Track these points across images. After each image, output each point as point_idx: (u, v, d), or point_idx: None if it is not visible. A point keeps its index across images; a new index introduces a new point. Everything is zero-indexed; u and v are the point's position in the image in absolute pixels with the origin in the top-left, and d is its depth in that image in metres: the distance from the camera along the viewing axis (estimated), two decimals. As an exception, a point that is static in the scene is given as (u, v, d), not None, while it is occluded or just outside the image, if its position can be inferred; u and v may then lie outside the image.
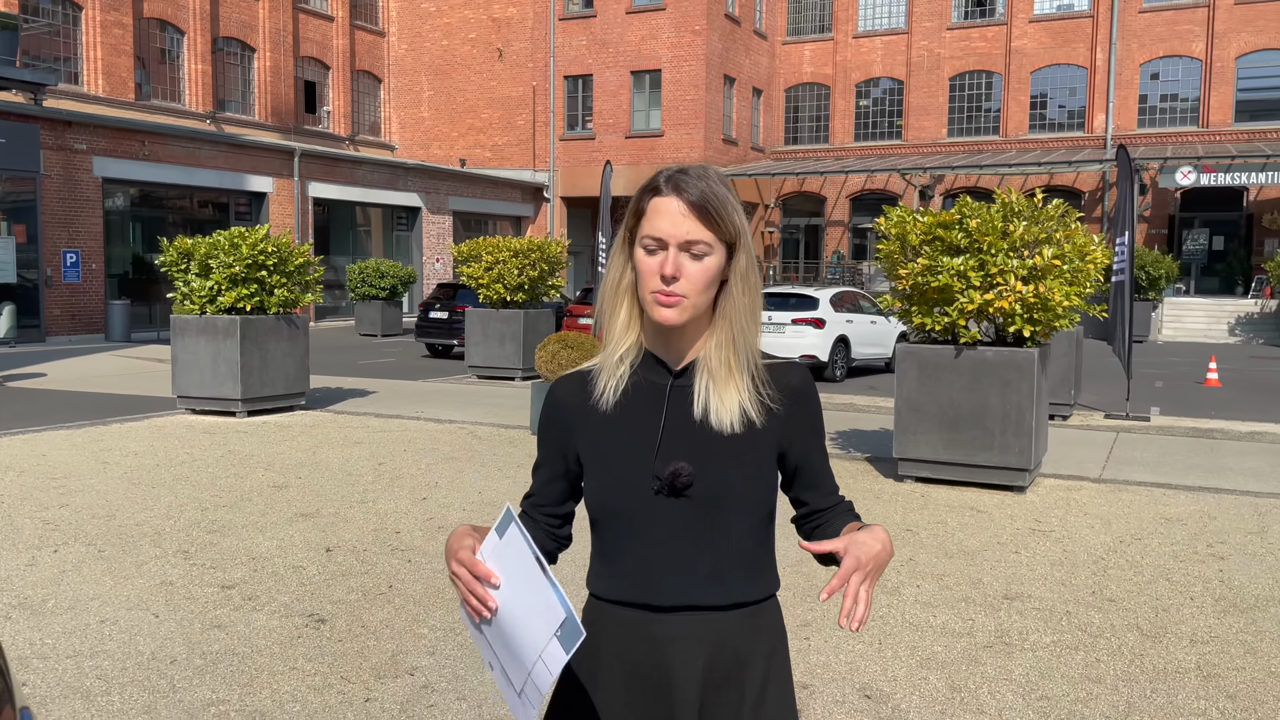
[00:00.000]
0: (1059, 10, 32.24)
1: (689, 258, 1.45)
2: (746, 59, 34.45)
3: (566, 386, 1.60)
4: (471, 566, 1.37)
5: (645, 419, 1.52)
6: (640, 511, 1.50)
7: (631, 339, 1.54)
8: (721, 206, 1.45)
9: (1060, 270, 6.86)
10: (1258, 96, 29.73)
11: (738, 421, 1.50)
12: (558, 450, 1.60)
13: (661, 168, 1.52)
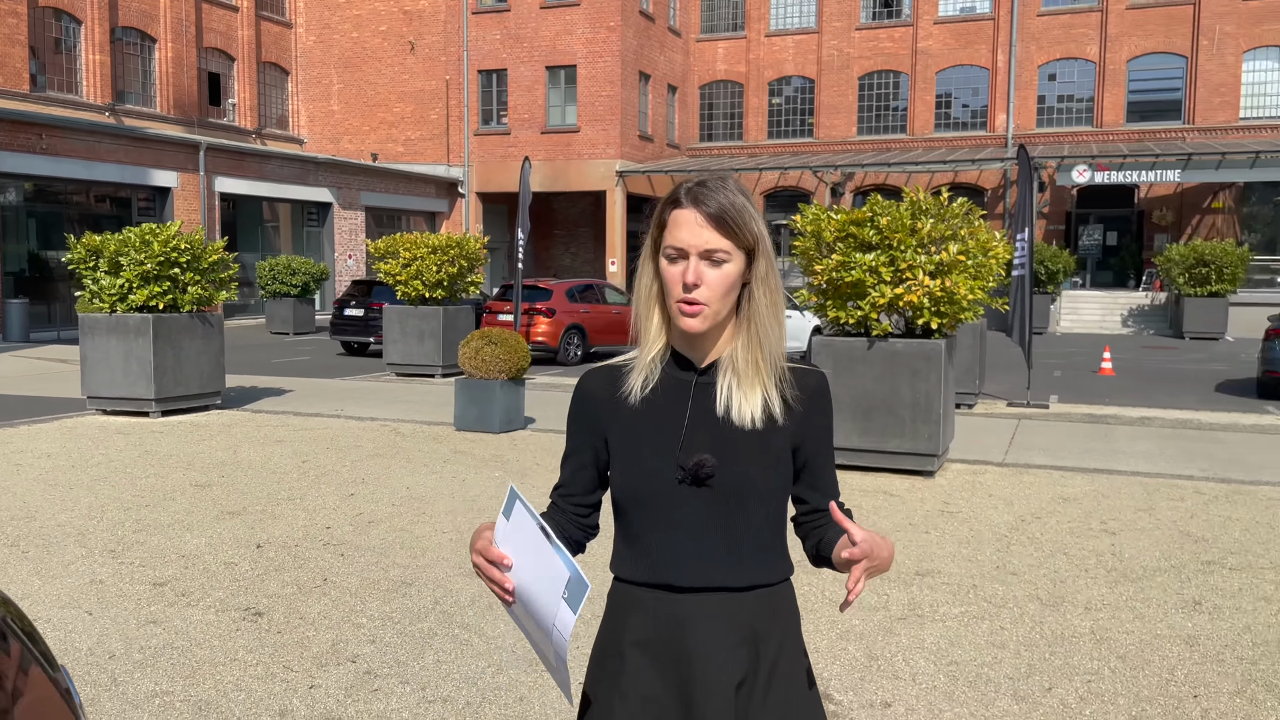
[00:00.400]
0: (962, 12, 33.31)
1: (709, 265, 1.54)
2: (661, 56, 34.73)
3: (596, 379, 1.68)
4: (486, 553, 1.46)
5: (671, 413, 1.61)
6: (665, 499, 1.58)
7: (661, 343, 1.63)
8: (739, 216, 1.54)
9: (965, 265, 7.23)
10: (1148, 98, 31.22)
11: (759, 417, 1.59)
12: (587, 439, 1.68)
13: (684, 180, 1.60)
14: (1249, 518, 6.60)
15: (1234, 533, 6.20)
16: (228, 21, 32.78)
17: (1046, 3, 32.13)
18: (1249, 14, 29.70)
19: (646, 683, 1.59)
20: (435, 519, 6.30)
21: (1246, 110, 30.01)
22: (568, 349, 17.83)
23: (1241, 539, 6.05)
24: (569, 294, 18.39)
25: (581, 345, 18.14)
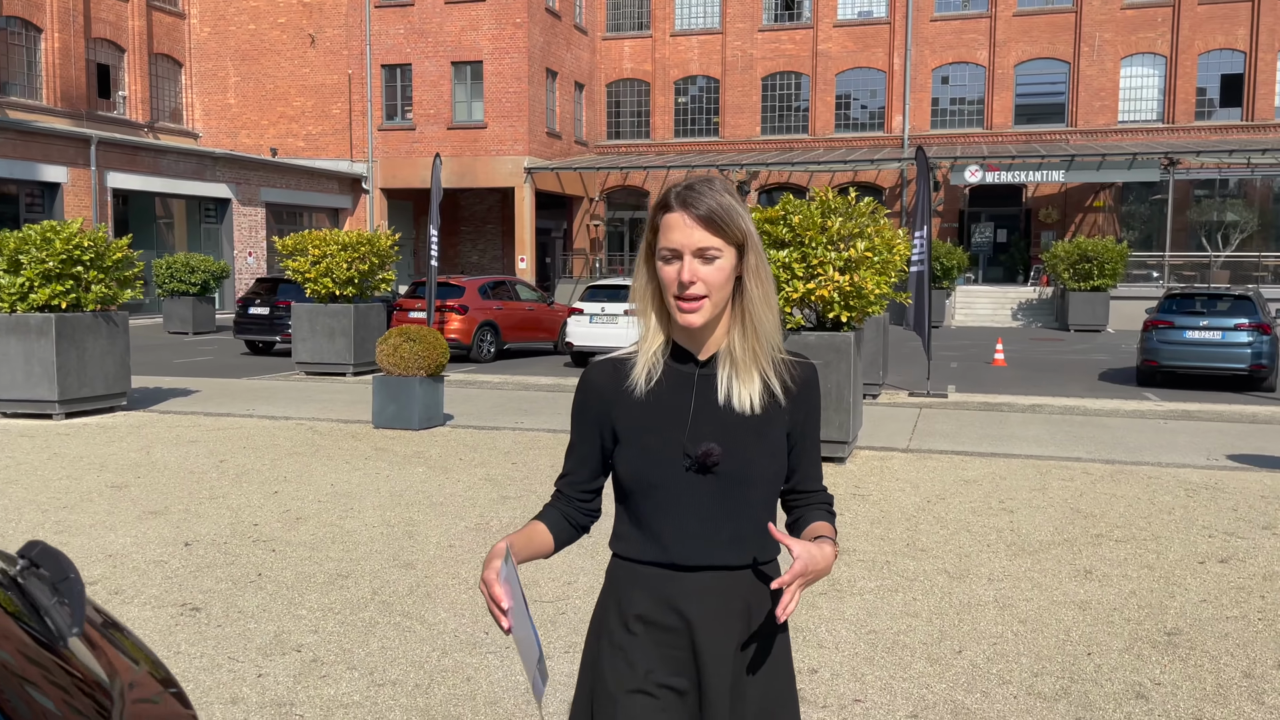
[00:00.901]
0: (860, 16, 34.27)
1: (702, 262, 1.63)
2: (568, 53, 34.81)
3: (601, 371, 1.77)
4: (489, 587, 1.54)
5: (675, 403, 1.70)
6: (670, 485, 1.68)
7: (661, 339, 1.73)
8: (726, 214, 1.64)
9: (872, 261, 7.60)
10: (1034, 101, 32.66)
11: (758, 404, 1.70)
12: (594, 428, 1.76)
13: (673, 185, 1.72)
14: (1131, 495, 7.12)
15: (1119, 508, 6.70)
16: (117, 11, 31.60)
17: (939, 8, 33.30)
18: (1126, 22, 31.34)
19: (653, 652, 1.68)
20: (364, 514, 6.36)
21: (1124, 114, 31.67)
22: (481, 346, 17.83)
23: (1125, 514, 6.55)
24: (481, 291, 18.38)
25: (495, 342, 18.16)
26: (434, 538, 5.85)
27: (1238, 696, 3.75)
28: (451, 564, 5.33)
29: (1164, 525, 6.27)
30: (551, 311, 19.90)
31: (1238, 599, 4.86)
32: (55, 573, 1.19)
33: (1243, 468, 8.14)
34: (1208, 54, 30.75)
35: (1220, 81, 30.75)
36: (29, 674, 0.90)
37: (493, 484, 7.34)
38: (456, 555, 5.49)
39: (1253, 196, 30.70)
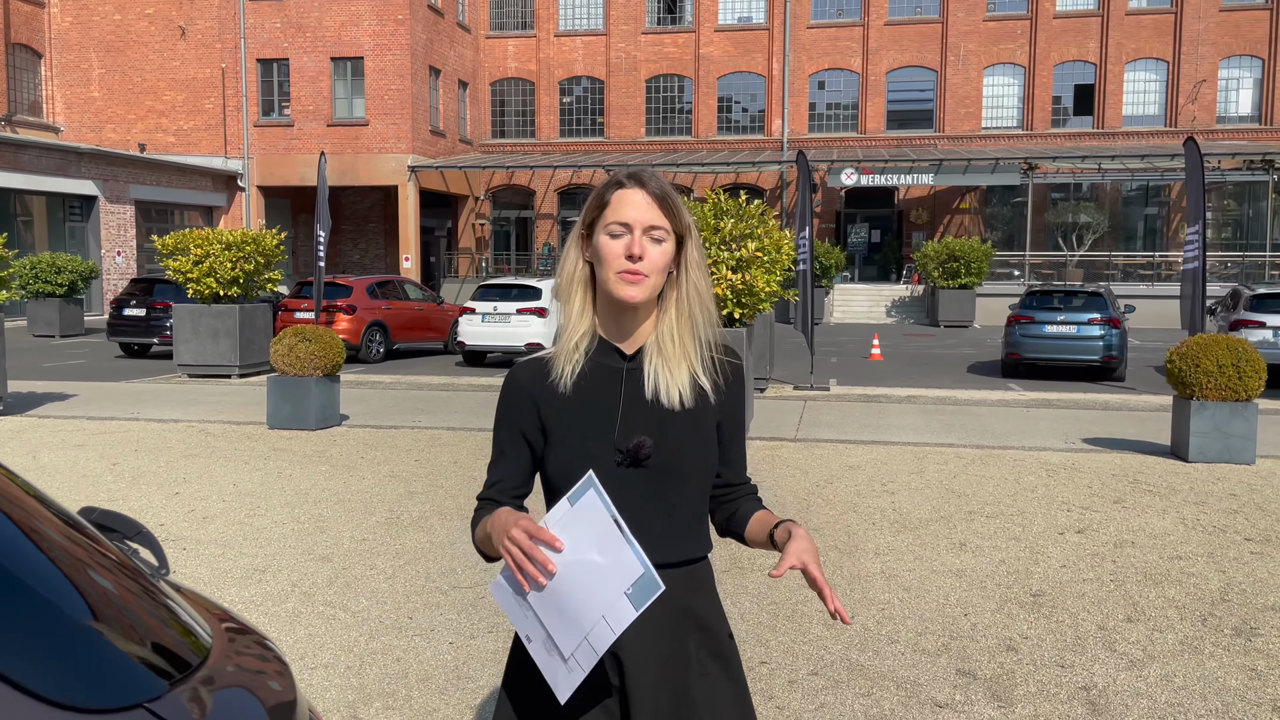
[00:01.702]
0: (740, 22, 35.13)
1: (650, 241, 1.63)
2: (451, 51, 34.56)
3: (526, 370, 1.73)
4: (535, 533, 1.46)
5: (604, 397, 1.67)
6: (603, 482, 1.59)
7: (585, 325, 1.69)
8: (675, 201, 1.67)
9: (762, 261, 8.01)
10: (905, 107, 34.12)
11: (688, 397, 1.67)
12: (519, 431, 1.71)
13: (617, 169, 1.75)
14: (999, 475, 7.74)
15: (988, 488, 7.28)
16: (-33, -5, 29.84)
17: (815, 16, 34.44)
18: (988, 33, 33.06)
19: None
20: (273, 511, 6.40)
21: (988, 120, 33.40)
22: (370, 346, 17.68)
23: (994, 493, 7.13)
24: (369, 290, 18.22)
25: (384, 342, 18.03)
26: (347, 532, 5.95)
27: (1093, 646, 4.25)
28: (367, 555, 5.46)
29: (1028, 502, 6.86)
30: (441, 311, 19.85)
31: (1093, 564, 5.41)
32: (126, 529, 1.36)
33: (1096, 450, 8.90)
34: (1062, 65, 32.73)
35: (1074, 91, 32.77)
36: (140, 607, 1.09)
37: (398, 480, 7.44)
38: (371, 548, 5.62)
39: (1103, 200, 32.82)
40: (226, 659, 1.12)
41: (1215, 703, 3.68)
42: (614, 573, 1.42)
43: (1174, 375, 8.46)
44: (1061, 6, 32.63)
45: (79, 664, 0.92)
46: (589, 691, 1.59)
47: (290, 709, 1.11)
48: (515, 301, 16.55)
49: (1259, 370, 8.18)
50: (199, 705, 1.00)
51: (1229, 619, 4.57)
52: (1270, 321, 14.31)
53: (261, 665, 1.18)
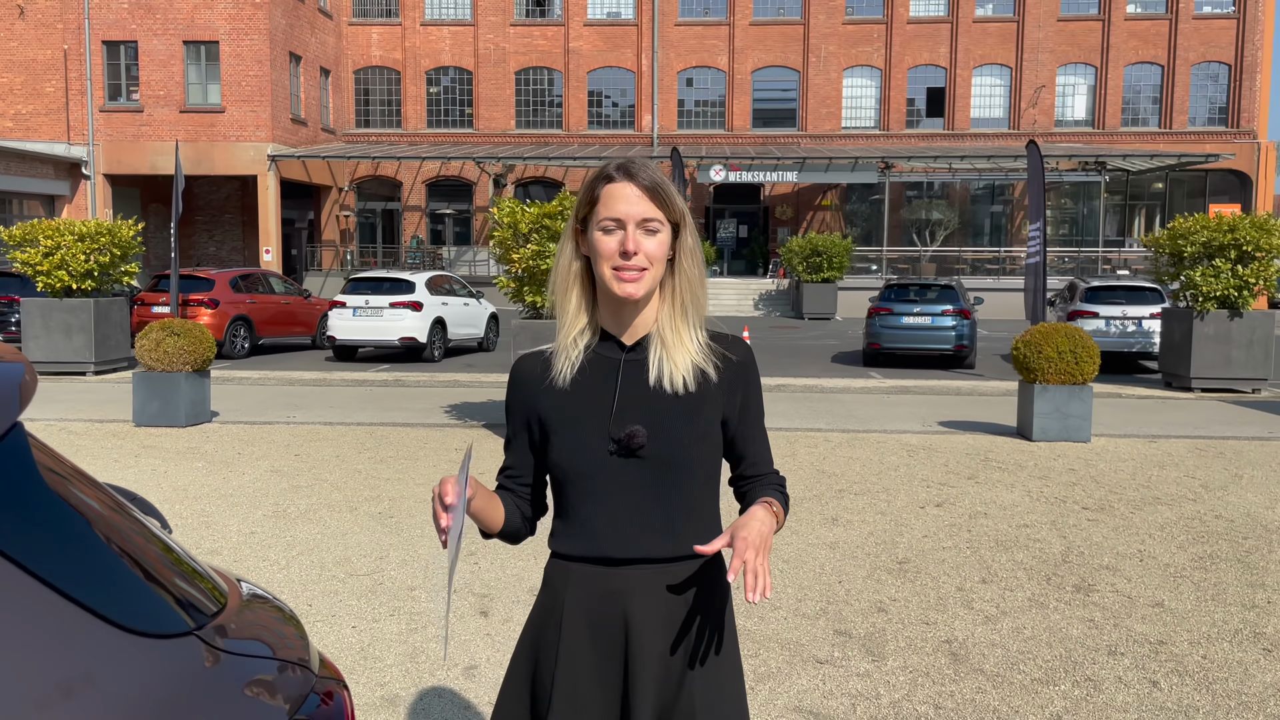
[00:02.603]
0: (609, 17, 35.41)
1: (645, 234, 1.60)
2: (313, 37, 33.62)
3: (528, 363, 1.74)
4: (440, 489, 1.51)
5: (601, 388, 1.66)
6: (598, 472, 1.63)
7: (584, 321, 1.68)
8: (667, 190, 1.63)
9: (642, 254, 8.27)
10: (770, 106, 35.11)
11: (692, 382, 1.65)
12: (523, 421, 1.73)
13: (607, 161, 1.70)
14: (865, 456, 8.23)
15: (855, 468, 7.75)
16: None
17: (683, 13, 35.03)
18: (847, 36, 34.36)
19: (585, 653, 1.63)
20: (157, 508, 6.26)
21: (847, 120, 34.72)
22: (234, 342, 17.15)
23: (861, 473, 7.60)
24: (232, 284, 17.66)
25: (249, 337, 17.52)
26: (233, 526, 5.90)
27: (953, 605, 4.67)
28: (258, 548, 5.45)
29: (892, 480, 7.35)
30: (308, 305, 19.40)
31: (950, 534, 5.89)
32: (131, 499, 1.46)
33: (950, 431, 9.54)
34: (916, 69, 34.31)
35: (926, 94, 34.40)
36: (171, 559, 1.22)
37: (280, 475, 7.37)
38: (261, 540, 5.60)
39: (954, 198, 34.61)
40: (242, 604, 1.26)
41: (1059, 650, 4.13)
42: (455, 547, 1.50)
43: (1019, 362, 9.16)
44: (915, 12, 34.19)
45: (144, 600, 1.07)
46: (593, 681, 1.61)
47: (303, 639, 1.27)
48: (388, 295, 16.35)
49: (1094, 356, 8.94)
50: (232, 634, 1.16)
51: (1069, 578, 5.09)
52: (1103, 312, 15.52)
53: (270, 610, 1.33)
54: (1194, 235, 12.78)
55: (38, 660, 0.92)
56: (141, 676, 1.00)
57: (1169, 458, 8.32)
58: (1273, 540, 5.80)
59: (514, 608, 4.58)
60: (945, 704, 3.61)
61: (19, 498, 0.99)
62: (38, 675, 0.91)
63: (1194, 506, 6.61)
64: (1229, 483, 7.35)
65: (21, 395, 1.06)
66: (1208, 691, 3.71)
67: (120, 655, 0.99)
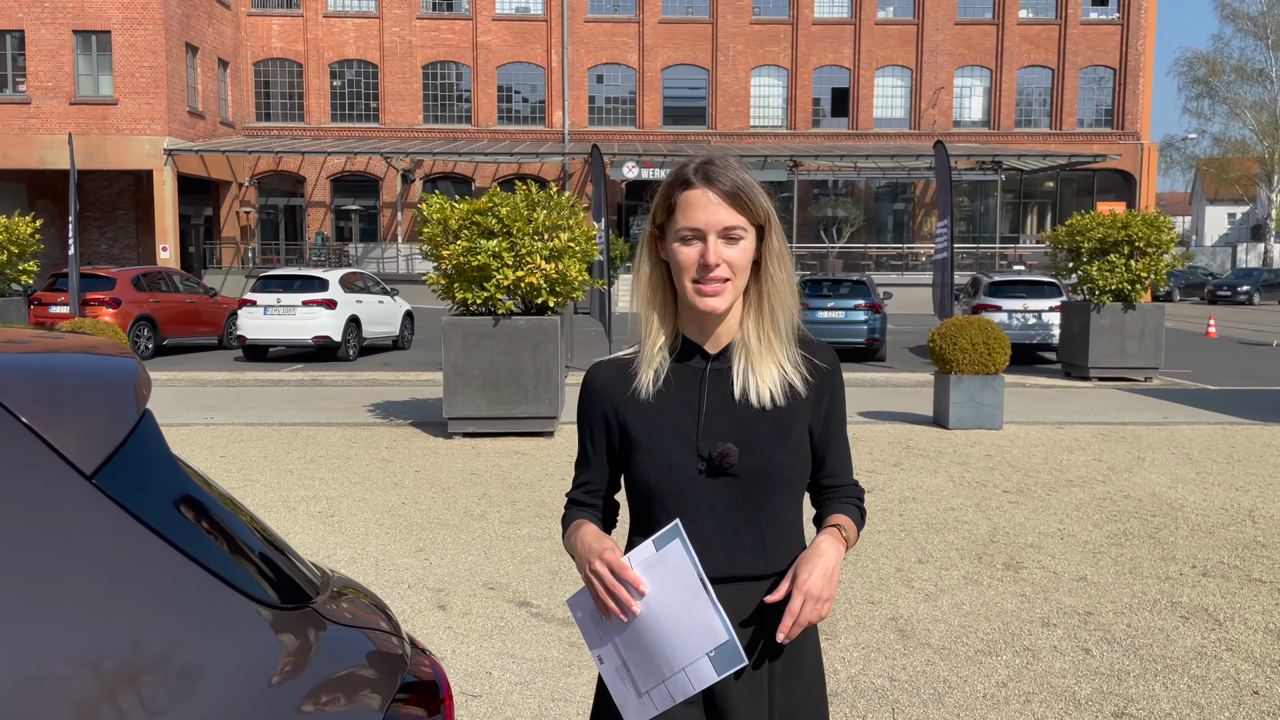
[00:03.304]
0: (518, 12, 35.22)
1: (726, 243, 1.52)
2: (210, 28, 32.58)
3: (605, 371, 1.65)
4: (620, 571, 1.43)
5: (685, 401, 1.58)
6: (686, 491, 1.55)
7: (667, 331, 1.61)
8: (750, 191, 1.53)
9: (574, 251, 8.33)
10: (680, 104, 35.44)
11: (779, 395, 1.57)
12: (602, 434, 1.64)
13: (686, 160, 1.59)
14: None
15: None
16: None
17: (592, 10, 35.08)
18: (754, 36, 34.90)
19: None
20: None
21: (755, 119, 35.28)
22: (138, 342, 16.56)
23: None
24: (134, 282, 17.05)
25: (153, 338, 16.94)
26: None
27: (895, 584, 4.88)
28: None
29: (822, 469, 7.58)
30: (215, 304, 18.85)
31: (884, 518, 6.13)
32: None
33: (871, 421, 9.86)
34: (821, 69, 35.07)
35: (831, 94, 35.20)
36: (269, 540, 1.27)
37: (209, 477, 7.21)
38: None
39: (859, 196, 35.51)
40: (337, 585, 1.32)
41: (997, 623, 4.37)
42: (697, 632, 1.40)
43: (935, 353, 9.52)
44: (819, 13, 34.93)
45: (269, 576, 1.12)
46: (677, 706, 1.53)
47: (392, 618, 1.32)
48: (300, 293, 16.01)
49: (1005, 347, 9.36)
50: (338, 607, 1.22)
51: (999, 556, 5.36)
52: (1005, 305, 16.19)
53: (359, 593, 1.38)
54: (1090, 232, 13.44)
55: (189, 630, 0.97)
56: (273, 645, 1.05)
57: (1076, 443, 8.78)
58: (1178, 517, 6.20)
59: (471, 600, 4.61)
60: (899, 676, 3.79)
61: (164, 483, 1.03)
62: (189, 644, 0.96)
63: (1104, 487, 7.01)
64: (1133, 465, 7.80)
65: (139, 385, 1.09)
66: (1135, 657, 3.98)
67: (254, 625, 1.04)
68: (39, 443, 0.92)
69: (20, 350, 1.08)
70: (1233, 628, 4.30)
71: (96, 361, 1.10)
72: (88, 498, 0.93)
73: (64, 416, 0.96)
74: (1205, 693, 3.64)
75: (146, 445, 1.03)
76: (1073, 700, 3.57)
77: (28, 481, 0.90)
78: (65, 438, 0.94)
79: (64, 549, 0.90)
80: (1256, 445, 8.62)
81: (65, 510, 0.91)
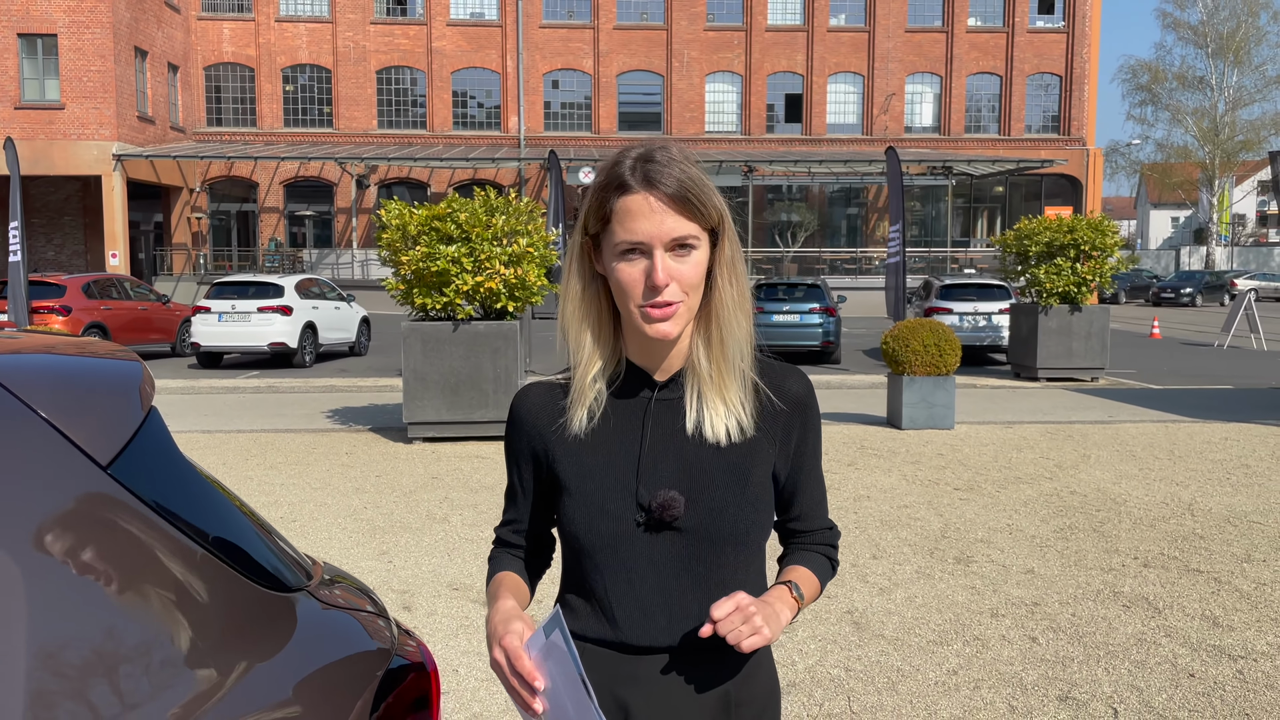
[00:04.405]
0: (472, 17, 35.17)
1: (675, 257, 1.27)
2: (159, 31, 32.14)
3: (535, 397, 1.41)
4: (516, 661, 1.21)
5: (625, 438, 1.35)
6: (621, 544, 1.32)
7: (605, 353, 1.36)
8: (700, 191, 1.28)
9: (533, 256, 8.41)
10: (635, 110, 35.61)
11: (736, 430, 1.34)
12: (529, 469, 1.42)
13: (619, 154, 1.31)
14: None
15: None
16: None
17: (547, 16, 35.14)
18: (708, 42, 35.19)
19: None
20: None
21: (710, 124, 35.56)
22: (89, 350, 16.30)
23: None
24: (85, 289, 16.81)
25: (105, 345, 16.68)
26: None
27: (850, 579, 5.02)
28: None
29: (779, 469, 7.72)
30: (167, 311, 18.62)
31: (839, 515, 6.28)
32: None
33: (827, 423, 10.04)
34: (774, 75, 35.45)
35: (785, 100, 35.58)
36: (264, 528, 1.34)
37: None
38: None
39: (813, 201, 35.91)
40: (326, 572, 1.40)
41: (948, 614, 4.52)
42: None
43: (889, 355, 9.72)
44: (773, 20, 35.32)
45: (271, 561, 1.20)
46: None
47: (377, 602, 1.41)
48: (255, 300, 15.90)
49: (955, 349, 9.59)
50: (330, 592, 1.30)
51: (950, 551, 5.53)
52: (956, 308, 16.52)
53: (347, 580, 1.46)
54: (1038, 236, 13.78)
55: (197, 610, 1.05)
56: (272, 625, 1.13)
57: (1025, 441, 9.02)
58: (1121, 512, 6.42)
59: (435, 601, 4.67)
60: (855, 666, 3.92)
61: (171, 474, 1.10)
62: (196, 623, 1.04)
63: (1051, 484, 7.23)
64: (1079, 462, 8.05)
65: (144, 385, 1.17)
66: (1080, 644, 4.15)
67: (255, 606, 1.12)
68: (59, 436, 1.00)
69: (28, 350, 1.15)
70: (1171, 615, 4.50)
71: (104, 364, 1.17)
72: (104, 486, 1.00)
73: (80, 413, 1.04)
74: (1145, 676, 3.81)
75: (154, 439, 1.11)
76: (1020, 685, 3.73)
77: (50, 470, 0.98)
78: (82, 432, 1.02)
79: (83, 533, 0.97)
80: (1197, 442, 8.92)
81: (83, 497, 0.99)
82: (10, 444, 0.97)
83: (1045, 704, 3.57)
